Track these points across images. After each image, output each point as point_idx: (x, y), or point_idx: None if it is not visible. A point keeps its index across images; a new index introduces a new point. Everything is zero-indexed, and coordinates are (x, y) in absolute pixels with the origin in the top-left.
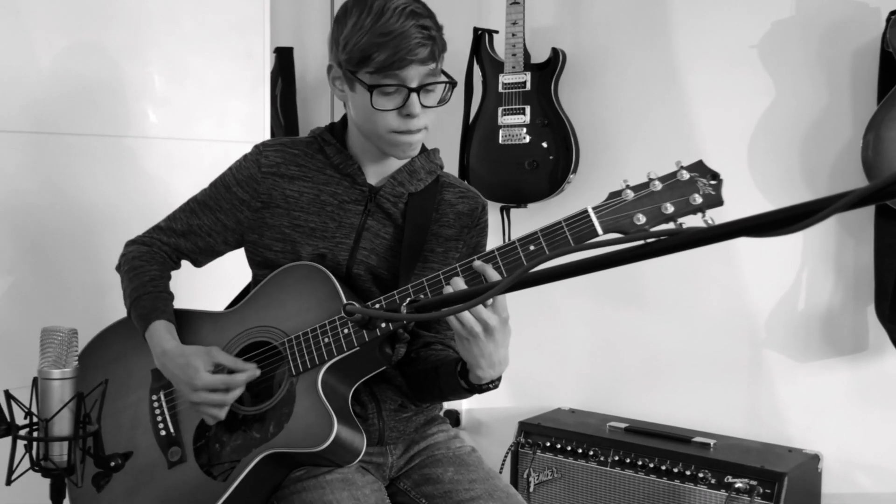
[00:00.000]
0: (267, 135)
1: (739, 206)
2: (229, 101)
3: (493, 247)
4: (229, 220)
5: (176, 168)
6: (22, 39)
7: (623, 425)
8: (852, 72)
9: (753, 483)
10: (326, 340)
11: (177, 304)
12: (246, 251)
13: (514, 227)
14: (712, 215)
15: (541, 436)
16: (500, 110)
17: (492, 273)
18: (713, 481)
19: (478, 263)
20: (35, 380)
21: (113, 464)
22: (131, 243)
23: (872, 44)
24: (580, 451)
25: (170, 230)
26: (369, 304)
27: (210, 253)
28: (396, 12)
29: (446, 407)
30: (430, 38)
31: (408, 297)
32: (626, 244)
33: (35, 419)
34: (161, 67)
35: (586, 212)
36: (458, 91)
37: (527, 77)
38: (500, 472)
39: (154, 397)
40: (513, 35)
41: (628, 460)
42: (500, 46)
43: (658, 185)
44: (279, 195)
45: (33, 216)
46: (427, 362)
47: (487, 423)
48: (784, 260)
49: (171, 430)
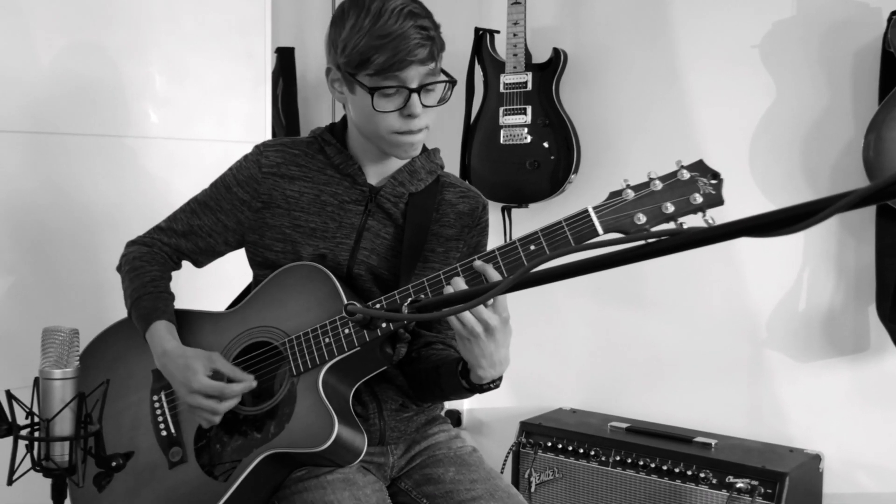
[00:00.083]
0: (268, 135)
1: (740, 206)
2: (230, 101)
3: (494, 246)
4: (230, 220)
5: (177, 168)
6: (23, 39)
7: (624, 425)
8: (853, 72)
9: (754, 483)
10: (327, 340)
11: (178, 304)
12: (247, 251)
13: (515, 228)
14: (713, 215)
15: (542, 436)
16: (501, 110)
17: (492, 273)
18: (714, 481)
19: (478, 263)
20: (36, 380)
21: (114, 464)
22: (132, 244)
23: (874, 44)
24: (581, 451)
25: (170, 231)
26: (370, 304)
27: (211, 253)
28: (395, 13)
29: (447, 407)
30: (429, 39)
31: (408, 297)
32: (627, 244)
33: (36, 419)
34: (162, 67)
35: (587, 211)
36: (460, 91)
37: (528, 77)
38: (502, 472)
39: (155, 398)
40: (514, 35)
41: (629, 460)
42: (501, 46)
43: (658, 185)
44: (280, 195)
45: (34, 216)
46: (428, 362)
47: (489, 423)
48: (785, 260)
49: (172, 430)
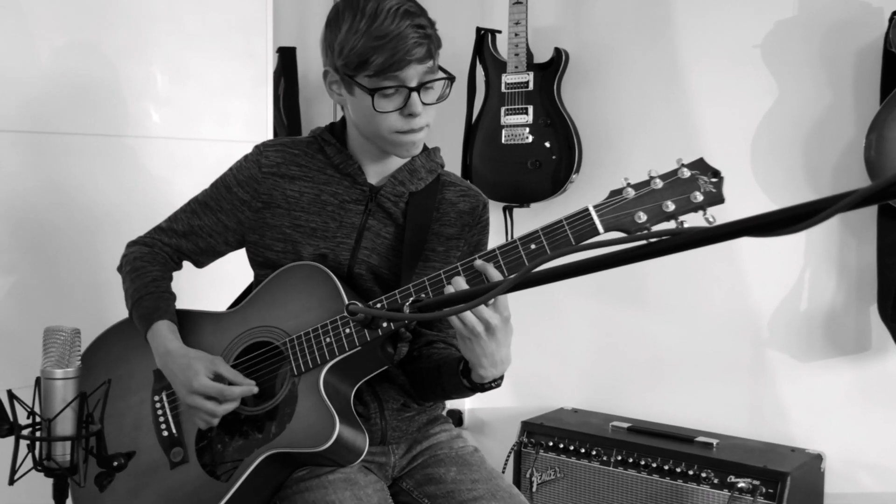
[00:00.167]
0: (270, 134)
1: (742, 206)
2: (232, 101)
3: (495, 245)
4: (230, 220)
5: (178, 168)
6: (23, 39)
7: (626, 425)
8: (855, 71)
9: (756, 483)
10: (328, 340)
11: (178, 304)
12: (247, 251)
13: (516, 227)
14: (714, 213)
15: (543, 435)
16: (502, 110)
17: (493, 272)
18: (716, 481)
19: (479, 262)
20: (38, 379)
21: (116, 463)
22: (133, 244)
23: (875, 44)
24: (583, 450)
25: (171, 231)
26: (370, 303)
27: (211, 253)
28: (391, 13)
29: (449, 406)
30: (426, 37)
31: (409, 297)
32: (628, 244)
33: (38, 419)
34: (163, 67)
35: (587, 210)
36: (461, 91)
37: (529, 77)
38: (503, 472)
39: (156, 398)
40: (515, 35)
41: (631, 460)
42: (502, 46)
43: (659, 183)
44: (280, 195)
45: (35, 216)
46: (430, 361)
47: (490, 423)
48: (787, 260)
49: (174, 430)
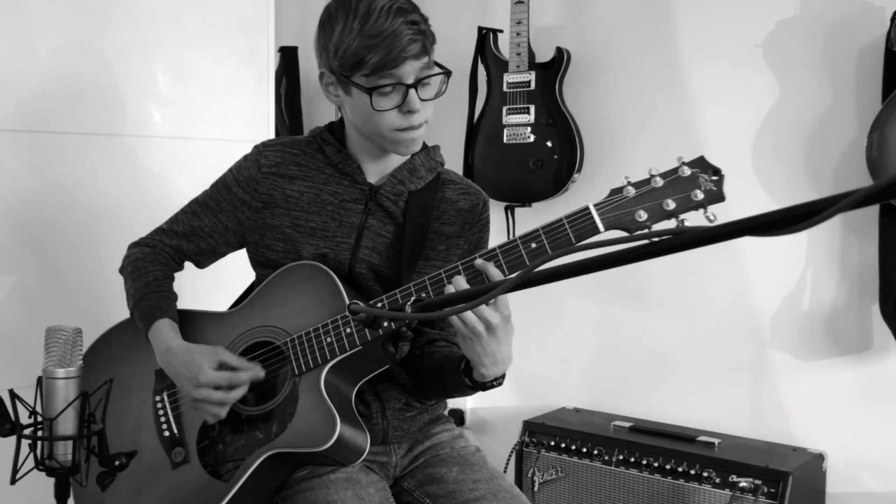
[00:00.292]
0: (272, 134)
1: (743, 206)
2: (233, 101)
3: (495, 244)
4: (230, 221)
5: (180, 167)
6: (24, 38)
7: (627, 424)
8: (857, 71)
9: (758, 482)
10: (329, 340)
11: (180, 304)
12: (248, 252)
13: (518, 227)
14: (715, 212)
15: (545, 435)
16: (504, 109)
17: (493, 271)
18: (717, 480)
19: (479, 262)
20: (39, 379)
21: (117, 463)
22: (134, 245)
23: (877, 43)
24: (584, 450)
25: (172, 232)
26: (371, 303)
27: (212, 254)
28: (383, 11)
29: (451, 406)
30: (421, 33)
31: (410, 296)
32: (629, 243)
33: (39, 418)
34: (165, 67)
35: (588, 209)
36: (463, 90)
37: (531, 76)
38: (505, 472)
39: (157, 398)
40: (517, 34)
41: (633, 459)
42: (504, 46)
43: (659, 182)
44: (279, 195)
45: (36, 216)
46: (431, 359)
47: (492, 423)
48: (788, 259)
49: (175, 430)
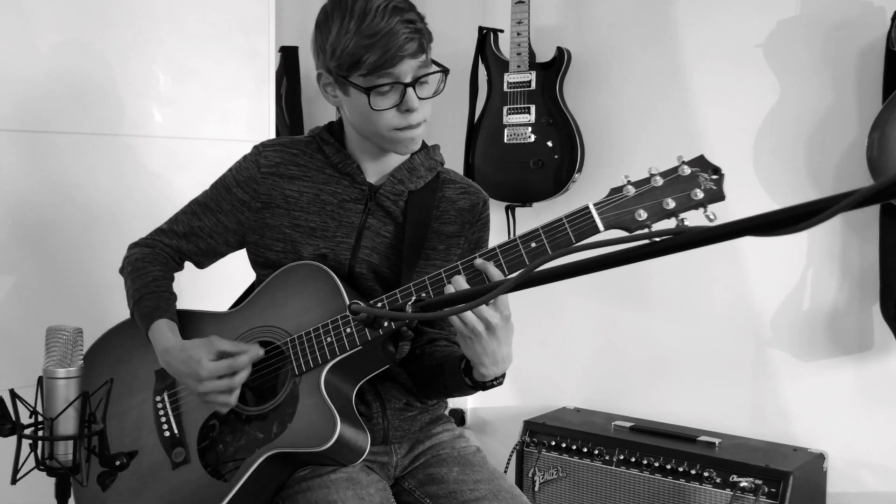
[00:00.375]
0: (272, 134)
1: (744, 205)
2: (234, 101)
3: (495, 244)
4: (230, 221)
5: (180, 167)
6: (24, 38)
7: (628, 424)
8: (857, 71)
9: (758, 482)
10: (329, 340)
11: (180, 304)
12: (248, 252)
13: (519, 227)
14: (715, 212)
15: (546, 435)
16: (505, 109)
17: (493, 271)
18: (718, 480)
19: (479, 261)
20: (40, 379)
21: (118, 463)
22: (134, 246)
23: (877, 43)
24: (585, 450)
25: (171, 232)
26: (371, 302)
27: (212, 254)
28: (380, 11)
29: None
30: (417, 31)
31: (410, 296)
32: (630, 243)
33: (40, 418)
34: (165, 66)
35: (587, 208)
36: (463, 90)
37: (532, 76)
38: (505, 472)
39: (158, 398)
40: (518, 34)
41: (633, 459)
42: (505, 45)
43: (659, 181)
44: (279, 195)
45: (37, 215)
46: (432, 359)
47: (492, 423)
48: (789, 259)
49: (175, 430)
